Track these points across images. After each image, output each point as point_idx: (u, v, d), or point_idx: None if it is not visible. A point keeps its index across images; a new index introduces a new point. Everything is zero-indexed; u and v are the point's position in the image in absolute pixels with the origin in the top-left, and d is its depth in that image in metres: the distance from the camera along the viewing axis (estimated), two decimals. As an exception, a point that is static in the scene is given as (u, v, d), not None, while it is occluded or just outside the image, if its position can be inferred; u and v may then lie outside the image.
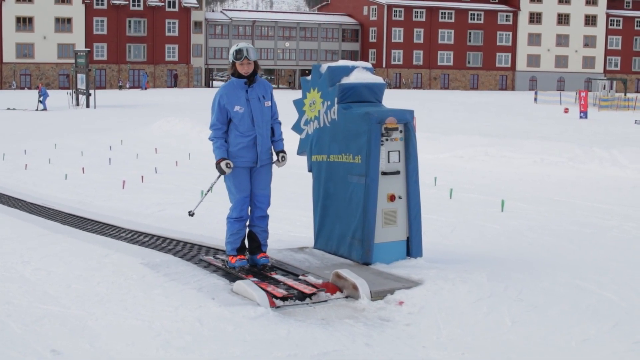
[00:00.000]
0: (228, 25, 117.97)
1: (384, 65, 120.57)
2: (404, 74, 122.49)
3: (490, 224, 12.78)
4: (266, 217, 9.10)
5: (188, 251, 10.31)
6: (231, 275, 8.81)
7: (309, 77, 10.04)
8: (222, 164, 8.67)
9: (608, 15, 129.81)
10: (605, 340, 6.88)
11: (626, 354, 6.54)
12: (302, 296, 8.00)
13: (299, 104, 10.24)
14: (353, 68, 9.63)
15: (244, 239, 9.01)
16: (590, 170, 20.38)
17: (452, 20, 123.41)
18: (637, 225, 12.88)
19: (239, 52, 8.66)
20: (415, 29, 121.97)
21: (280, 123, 9.20)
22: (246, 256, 9.00)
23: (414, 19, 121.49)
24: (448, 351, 6.52)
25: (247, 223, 9.04)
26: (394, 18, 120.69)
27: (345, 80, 9.45)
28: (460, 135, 27.59)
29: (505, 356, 6.42)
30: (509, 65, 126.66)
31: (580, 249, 10.87)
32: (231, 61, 8.75)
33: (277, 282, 8.41)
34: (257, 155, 8.81)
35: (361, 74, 9.57)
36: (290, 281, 8.34)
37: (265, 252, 9.05)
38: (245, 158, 8.80)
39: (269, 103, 8.91)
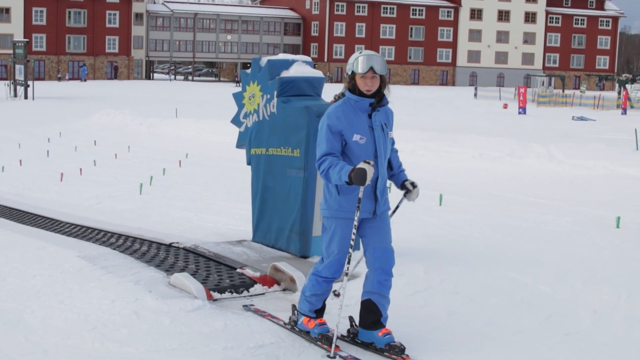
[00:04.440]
0: (169, 17, 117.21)
1: (325, 60, 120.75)
2: (346, 68, 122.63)
3: (428, 218, 12.87)
4: (390, 278, 6.53)
5: (123, 243, 10.27)
6: (166, 265, 8.78)
7: (248, 71, 10.05)
8: (363, 165, 6.04)
9: (547, 13, 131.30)
10: (538, 332, 7.01)
11: (558, 346, 6.67)
12: (240, 289, 8.02)
13: (238, 97, 10.24)
14: (293, 62, 9.65)
15: (326, 299, 6.83)
16: (527, 166, 20.62)
17: (394, 16, 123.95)
18: (572, 219, 13.07)
19: (363, 61, 6.37)
20: (357, 24, 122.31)
21: (397, 151, 6.93)
22: (325, 320, 6.79)
23: (356, 14, 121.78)
24: (384, 343, 6.57)
25: (335, 283, 6.74)
26: (336, 12, 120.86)
27: (285, 74, 9.48)
28: (400, 130, 27.65)
29: (440, 348, 6.49)
30: (449, 60, 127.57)
31: (517, 242, 11.00)
32: (349, 72, 6.46)
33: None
34: (375, 202, 6.48)
35: (301, 68, 9.61)
36: None
37: (387, 327, 6.54)
38: (369, 206, 6.46)
39: (392, 133, 6.63)
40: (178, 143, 27.02)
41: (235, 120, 10.31)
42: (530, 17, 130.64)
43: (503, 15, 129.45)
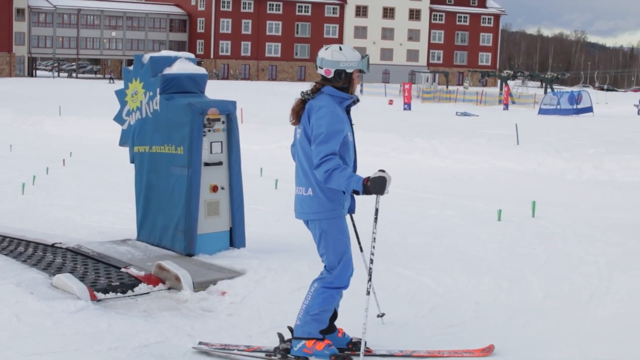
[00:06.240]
0: (52, 13, 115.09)
1: (212, 56, 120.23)
2: (232, 65, 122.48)
3: (314, 214, 12.91)
4: None
5: (8, 245, 10.04)
6: (50, 266, 8.63)
7: (131, 67, 9.95)
8: (382, 174, 5.93)
9: (431, 10, 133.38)
10: (422, 325, 7.14)
11: (441, 338, 6.80)
12: (124, 289, 7.94)
13: (120, 95, 10.13)
14: (175, 59, 9.60)
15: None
16: (412, 161, 20.90)
17: (280, 12, 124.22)
18: (455, 213, 13.31)
19: (366, 61, 6.25)
20: (244, 20, 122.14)
21: None
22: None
23: (242, 10, 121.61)
24: (269, 339, 6.62)
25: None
26: (222, 9, 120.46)
27: (168, 71, 9.43)
28: (286, 127, 27.74)
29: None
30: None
31: (401, 236, 11.14)
32: (350, 70, 6.18)
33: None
34: (351, 199, 6.62)
35: (184, 65, 9.56)
36: None
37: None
38: (349, 203, 6.54)
39: None
40: (62, 141, 26.58)
41: (118, 118, 10.20)
42: (414, 15, 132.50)
43: (388, 13, 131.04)
